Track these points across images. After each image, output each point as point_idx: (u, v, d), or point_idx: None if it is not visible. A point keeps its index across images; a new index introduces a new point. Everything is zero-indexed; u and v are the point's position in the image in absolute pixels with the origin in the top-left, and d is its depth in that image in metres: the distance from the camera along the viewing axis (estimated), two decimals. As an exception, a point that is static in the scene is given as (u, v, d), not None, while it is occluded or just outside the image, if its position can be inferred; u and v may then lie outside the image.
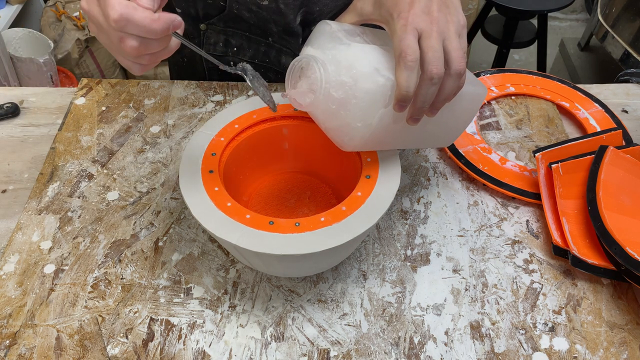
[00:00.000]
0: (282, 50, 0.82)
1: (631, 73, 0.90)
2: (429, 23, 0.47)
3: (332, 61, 0.51)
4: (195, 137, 0.60)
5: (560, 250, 0.63)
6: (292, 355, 0.55)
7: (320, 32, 0.53)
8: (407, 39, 0.47)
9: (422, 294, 0.60)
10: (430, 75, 0.47)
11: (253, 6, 0.76)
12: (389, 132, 0.54)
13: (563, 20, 2.65)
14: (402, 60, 0.47)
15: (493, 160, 0.73)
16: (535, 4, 1.74)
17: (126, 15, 0.41)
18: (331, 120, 0.53)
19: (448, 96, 0.50)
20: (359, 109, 0.50)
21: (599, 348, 0.56)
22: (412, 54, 0.46)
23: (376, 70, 0.49)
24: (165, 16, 0.43)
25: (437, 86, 0.48)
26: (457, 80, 0.49)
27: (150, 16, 0.41)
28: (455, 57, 0.48)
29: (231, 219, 0.52)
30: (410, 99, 0.48)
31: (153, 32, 0.42)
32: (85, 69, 1.99)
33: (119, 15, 0.41)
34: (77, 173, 0.72)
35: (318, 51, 0.53)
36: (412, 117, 0.51)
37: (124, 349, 0.55)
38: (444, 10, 0.48)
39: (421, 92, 0.48)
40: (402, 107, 0.49)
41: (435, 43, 0.47)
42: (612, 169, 0.66)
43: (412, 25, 0.47)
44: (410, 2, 0.48)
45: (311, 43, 0.54)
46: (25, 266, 0.62)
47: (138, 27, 0.42)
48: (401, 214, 0.68)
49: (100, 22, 0.44)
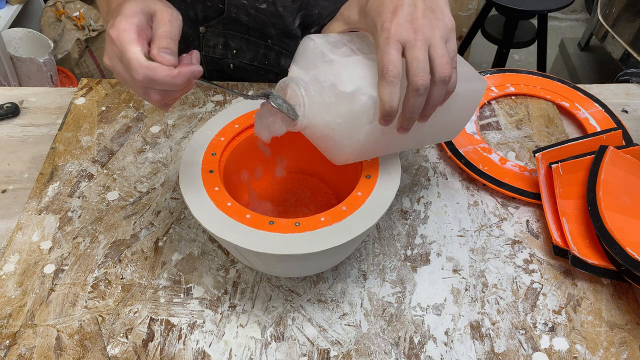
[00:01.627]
0: (282, 52, 0.82)
1: (631, 73, 0.90)
2: (412, 32, 0.46)
3: (314, 82, 0.51)
4: (195, 137, 0.60)
5: (560, 250, 0.63)
6: (292, 355, 0.55)
7: (304, 49, 0.53)
8: (389, 53, 0.46)
9: (422, 294, 0.60)
10: (416, 87, 0.46)
11: (251, 9, 0.76)
12: (380, 143, 0.54)
13: (563, 20, 2.65)
14: (384, 76, 0.46)
15: (493, 160, 0.73)
16: (535, 4, 1.74)
17: (149, 77, 0.44)
18: (319, 139, 0.54)
19: (436, 103, 0.49)
20: (345, 128, 0.50)
21: (599, 348, 0.56)
22: (393, 69, 0.46)
23: (358, 89, 0.49)
24: (185, 70, 0.45)
25: (423, 96, 0.47)
26: (443, 87, 0.48)
27: (171, 74, 0.45)
28: (440, 64, 0.47)
29: (231, 219, 0.52)
30: (394, 114, 0.48)
31: (175, 87, 0.46)
32: (85, 69, 1.99)
33: (143, 77, 0.44)
34: (77, 173, 0.72)
35: (301, 71, 0.52)
36: (403, 127, 0.50)
37: (124, 349, 0.55)
38: (428, 16, 0.47)
39: (408, 103, 0.48)
40: (388, 121, 0.48)
41: (420, 53, 0.46)
42: (612, 169, 0.66)
43: (395, 38, 0.46)
44: (393, 11, 0.47)
45: (296, 62, 0.54)
46: (25, 266, 0.62)
47: (161, 85, 0.45)
48: (401, 214, 0.68)
49: (124, 78, 0.47)
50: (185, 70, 0.45)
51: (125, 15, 0.46)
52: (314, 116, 0.51)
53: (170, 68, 0.45)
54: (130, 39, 0.45)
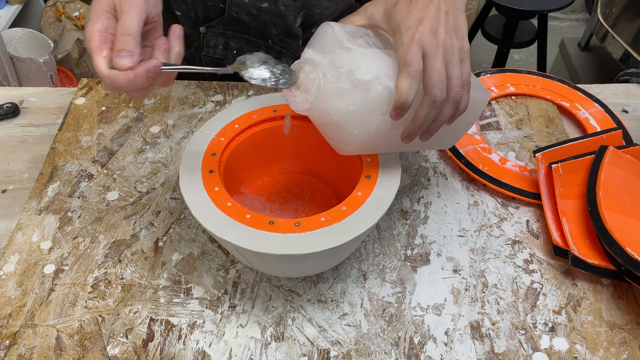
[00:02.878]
0: (282, 52, 0.82)
1: (631, 73, 0.90)
2: (435, 45, 0.48)
3: (331, 66, 0.51)
4: (195, 137, 0.60)
5: (560, 250, 0.63)
6: (292, 355, 0.55)
7: (323, 34, 0.53)
8: (413, 50, 0.47)
9: (422, 294, 0.60)
10: (434, 98, 0.48)
11: (253, 9, 0.76)
12: (386, 138, 0.54)
13: (563, 20, 2.65)
14: (407, 68, 0.47)
15: (493, 160, 0.73)
16: (535, 4, 1.74)
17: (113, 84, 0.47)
18: (328, 125, 0.54)
19: (443, 121, 0.50)
20: (356, 116, 0.50)
21: (599, 348, 0.56)
22: (417, 64, 0.47)
23: (375, 78, 0.49)
24: (141, 71, 0.47)
25: (437, 109, 0.49)
26: (453, 107, 0.49)
27: (128, 78, 0.47)
28: (455, 86, 0.48)
29: (231, 219, 0.52)
30: (407, 107, 0.48)
31: (139, 86, 0.48)
32: (85, 69, 1.99)
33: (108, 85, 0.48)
34: (77, 173, 0.72)
35: (318, 55, 0.52)
36: (408, 136, 0.51)
37: (124, 349, 0.55)
38: (451, 34, 0.49)
39: (422, 113, 0.49)
40: (399, 114, 0.49)
41: (440, 66, 0.47)
42: (612, 169, 0.66)
43: (419, 42, 0.47)
44: (419, 19, 0.48)
45: (312, 45, 0.54)
46: (25, 266, 0.62)
47: (125, 88, 0.48)
48: (401, 214, 0.68)
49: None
50: (141, 70, 0.47)
51: (91, 20, 0.48)
52: (327, 100, 0.51)
53: (127, 73, 0.46)
54: (94, 47, 0.47)
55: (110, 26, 0.48)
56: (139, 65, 0.47)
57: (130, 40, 0.47)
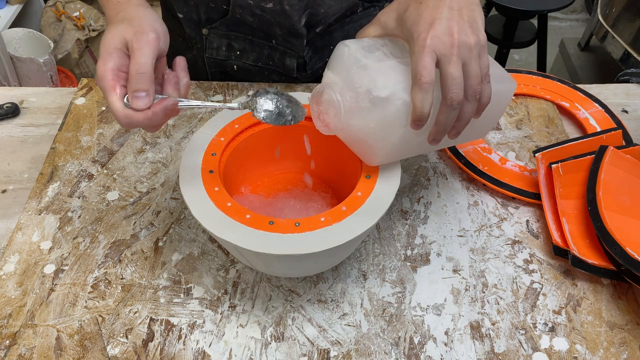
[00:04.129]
0: (286, 52, 0.82)
1: (631, 73, 0.90)
2: (449, 46, 0.47)
3: (349, 87, 0.52)
4: (195, 137, 0.60)
5: (560, 250, 0.63)
6: (292, 355, 0.55)
7: (339, 55, 0.54)
8: (423, 60, 0.47)
9: (422, 294, 0.60)
10: (450, 102, 0.48)
11: (257, 9, 0.76)
12: (413, 144, 0.55)
13: (563, 20, 2.65)
14: (417, 82, 0.47)
15: (493, 160, 0.73)
16: (535, 4, 1.74)
17: (129, 122, 0.49)
18: (355, 143, 0.55)
19: (468, 119, 0.50)
20: (378, 132, 0.52)
21: (599, 348, 0.56)
22: (427, 75, 0.47)
23: (393, 94, 0.49)
24: (158, 109, 0.49)
25: (457, 111, 0.49)
26: (474, 103, 0.49)
27: (147, 117, 0.49)
28: (472, 84, 0.48)
29: (231, 219, 0.52)
30: (426, 119, 0.49)
31: (155, 122, 0.50)
32: (85, 69, 1.99)
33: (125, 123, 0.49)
34: (77, 173, 0.72)
35: (337, 77, 0.54)
36: (435, 139, 0.52)
37: (124, 349, 0.55)
38: (465, 30, 0.48)
39: (442, 117, 0.49)
40: (419, 125, 0.49)
41: (454, 69, 0.47)
42: (612, 169, 0.66)
43: (431, 48, 0.47)
44: (430, 22, 0.48)
45: (331, 67, 0.55)
46: (25, 266, 0.62)
47: (142, 125, 0.50)
48: (401, 214, 0.68)
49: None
50: (158, 109, 0.49)
51: (102, 59, 0.49)
52: (349, 120, 0.53)
53: (145, 112, 0.48)
54: (108, 86, 0.48)
55: (123, 64, 0.49)
56: (156, 104, 0.49)
57: (145, 79, 0.48)
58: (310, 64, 0.84)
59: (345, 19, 0.83)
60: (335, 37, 0.83)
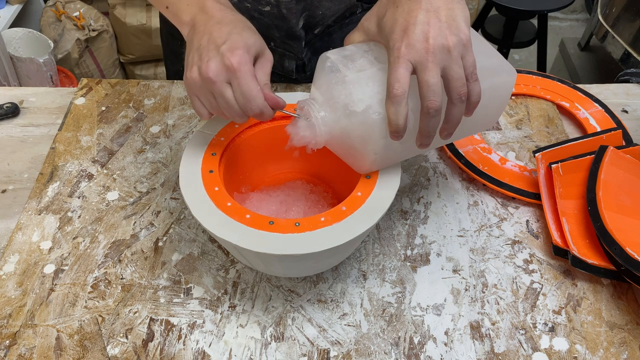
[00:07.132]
0: (285, 54, 0.82)
1: (631, 73, 0.90)
2: (424, 53, 0.46)
3: (328, 102, 0.52)
4: (195, 137, 0.60)
5: (560, 250, 0.63)
6: (292, 355, 0.55)
7: (320, 68, 0.54)
8: (396, 72, 0.46)
9: (422, 294, 0.60)
10: (427, 110, 0.47)
11: (255, 12, 0.76)
12: (401, 150, 0.55)
13: (563, 20, 2.65)
14: (389, 94, 0.47)
15: (493, 160, 0.73)
16: (535, 4, 1.74)
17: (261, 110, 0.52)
18: (341, 154, 0.56)
19: (457, 121, 0.49)
20: (360, 143, 0.52)
21: (599, 348, 0.56)
22: (399, 87, 0.46)
23: (368, 108, 0.49)
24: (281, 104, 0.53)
25: (437, 117, 0.47)
26: (461, 106, 0.48)
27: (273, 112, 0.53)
28: (456, 87, 0.47)
29: (231, 219, 0.52)
30: (402, 130, 0.48)
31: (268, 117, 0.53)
32: (85, 69, 1.99)
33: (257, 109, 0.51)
34: (77, 173, 0.72)
35: (317, 92, 0.54)
36: (423, 144, 0.51)
37: (124, 349, 0.55)
38: (443, 32, 0.46)
39: (423, 125, 0.48)
40: (398, 137, 0.49)
41: (430, 77, 0.46)
42: (612, 169, 0.66)
43: (406, 58, 0.46)
44: (404, 29, 0.47)
45: (314, 81, 0.55)
46: (25, 266, 0.62)
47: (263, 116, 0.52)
48: (401, 214, 0.68)
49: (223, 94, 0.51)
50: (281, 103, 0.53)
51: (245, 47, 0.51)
52: (333, 134, 0.53)
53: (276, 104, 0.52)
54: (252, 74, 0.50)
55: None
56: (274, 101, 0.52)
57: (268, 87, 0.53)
58: (309, 65, 0.84)
59: (344, 20, 0.83)
60: (334, 39, 0.83)
